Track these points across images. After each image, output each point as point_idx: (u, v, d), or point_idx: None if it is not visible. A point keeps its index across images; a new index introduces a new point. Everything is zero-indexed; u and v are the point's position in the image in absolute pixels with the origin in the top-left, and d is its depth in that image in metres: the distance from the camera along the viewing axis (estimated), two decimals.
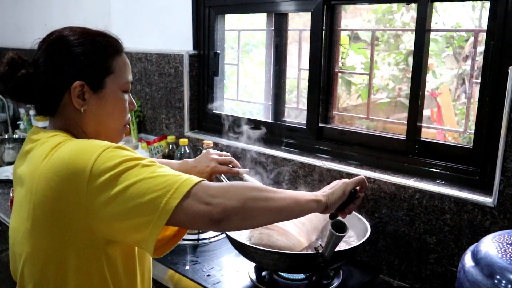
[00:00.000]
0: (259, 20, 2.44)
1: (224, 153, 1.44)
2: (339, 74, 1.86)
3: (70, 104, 0.99)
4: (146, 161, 0.91)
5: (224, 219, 0.88)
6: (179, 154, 2.03)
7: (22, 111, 3.27)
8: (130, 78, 1.07)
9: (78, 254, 0.92)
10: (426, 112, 2.88)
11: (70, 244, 0.92)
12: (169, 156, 2.17)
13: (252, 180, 1.47)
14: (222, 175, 1.43)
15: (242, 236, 1.50)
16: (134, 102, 1.11)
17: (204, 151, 1.45)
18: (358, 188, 1.15)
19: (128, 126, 1.11)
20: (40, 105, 1.02)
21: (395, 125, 2.31)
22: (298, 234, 1.30)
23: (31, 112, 2.93)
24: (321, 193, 1.09)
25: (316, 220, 1.39)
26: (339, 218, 1.16)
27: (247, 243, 1.38)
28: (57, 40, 1.00)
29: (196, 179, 0.90)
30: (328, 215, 1.17)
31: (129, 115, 1.10)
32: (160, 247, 1.00)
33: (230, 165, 1.42)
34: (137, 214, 0.86)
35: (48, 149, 0.93)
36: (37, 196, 0.91)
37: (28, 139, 1.03)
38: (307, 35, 1.81)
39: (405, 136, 1.58)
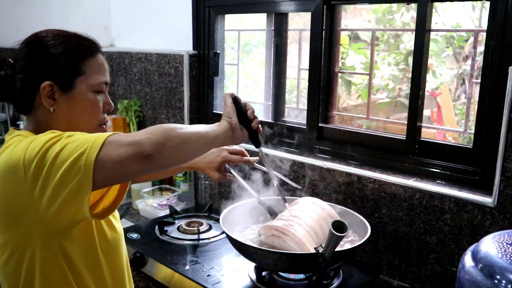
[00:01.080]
0: (259, 20, 2.44)
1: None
2: (339, 74, 1.86)
3: (42, 104, 1.02)
4: (69, 133, 0.92)
5: (156, 153, 0.86)
6: None
7: None
8: (104, 79, 1.08)
9: (33, 247, 0.95)
10: (426, 112, 2.88)
11: (26, 237, 0.95)
12: None
13: (263, 169, 1.46)
14: (232, 169, 1.42)
15: (252, 232, 1.50)
16: (111, 103, 1.12)
17: None
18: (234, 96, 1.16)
19: (104, 126, 1.12)
20: (17, 104, 1.06)
21: (395, 125, 2.31)
22: (310, 244, 1.29)
23: None
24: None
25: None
26: (339, 219, 1.15)
27: (256, 238, 1.38)
28: (32, 41, 1.04)
29: (113, 132, 0.90)
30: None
31: (104, 116, 1.11)
32: (105, 211, 0.97)
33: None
34: (67, 182, 0.86)
35: (2, 150, 0.98)
36: None
37: (5, 140, 1.06)
38: (307, 35, 1.81)
39: (405, 136, 1.58)
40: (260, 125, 1.18)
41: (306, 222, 1.35)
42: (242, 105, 1.14)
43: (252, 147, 1.23)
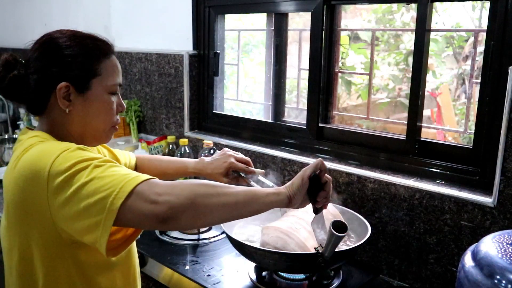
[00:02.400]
0: (259, 20, 2.44)
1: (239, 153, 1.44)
2: (339, 74, 1.86)
3: (57, 104, 1.02)
4: (98, 161, 0.91)
5: (172, 218, 0.85)
6: (179, 154, 2.03)
7: (22, 111, 3.27)
8: (118, 81, 1.08)
9: (44, 252, 0.96)
10: (426, 112, 2.88)
11: (37, 241, 0.96)
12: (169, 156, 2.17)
13: (267, 182, 1.46)
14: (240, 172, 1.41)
15: (252, 232, 1.50)
16: (124, 104, 1.12)
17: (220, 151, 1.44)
18: (318, 172, 1.05)
19: (117, 127, 1.12)
20: (30, 105, 1.06)
21: (395, 125, 2.30)
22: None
23: None
24: (283, 186, 1.03)
25: None
26: (339, 219, 1.15)
27: (256, 237, 1.37)
28: (46, 42, 1.04)
29: (143, 177, 0.89)
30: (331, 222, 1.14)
31: (117, 117, 1.11)
32: (119, 246, 0.99)
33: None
34: (88, 215, 0.86)
35: (20, 152, 0.98)
36: (9, 195, 0.97)
37: (17, 139, 1.07)
38: (307, 35, 1.81)
39: (405, 136, 1.58)
40: (326, 206, 1.11)
41: (305, 221, 1.35)
42: (320, 183, 1.05)
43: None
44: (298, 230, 1.31)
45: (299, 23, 2.52)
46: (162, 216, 0.85)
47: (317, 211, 1.14)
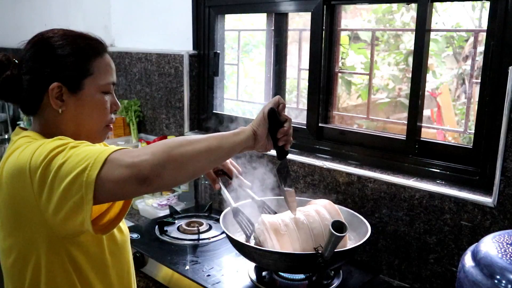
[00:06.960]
0: (259, 20, 2.44)
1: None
2: (339, 74, 1.86)
3: (50, 105, 1.01)
4: (75, 143, 0.91)
5: (154, 176, 0.83)
6: None
7: None
8: (111, 80, 1.07)
9: (39, 250, 0.96)
10: (426, 112, 2.88)
11: (31, 240, 0.96)
12: None
13: (252, 195, 1.44)
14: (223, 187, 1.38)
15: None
16: (118, 102, 1.11)
17: None
18: (277, 108, 1.08)
19: (111, 126, 1.11)
20: (23, 105, 1.05)
21: (395, 125, 2.30)
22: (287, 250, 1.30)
23: None
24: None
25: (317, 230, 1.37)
26: (339, 219, 1.15)
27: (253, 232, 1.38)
28: (38, 42, 1.03)
29: (117, 147, 0.88)
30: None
31: (112, 116, 1.10)
32: (107, 226, 0.98)
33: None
34: (70, 196, 0.86)
35: (9, 153, 0.98)
36: (0, 196, 0.97)
37: (10, 139, 1.06)
38: (307, 35, 1.81)
39: (405, 136, 1.58)
40: (287, 145, 1.12)
41: (296, 230, 1.33)
42: (279, 120, 1.07)
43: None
44: (283, 235, 1.31)
45: (299, 23, 2.52)
46: (144, 176, 0.83)
47: (280, 155, 1.14)
